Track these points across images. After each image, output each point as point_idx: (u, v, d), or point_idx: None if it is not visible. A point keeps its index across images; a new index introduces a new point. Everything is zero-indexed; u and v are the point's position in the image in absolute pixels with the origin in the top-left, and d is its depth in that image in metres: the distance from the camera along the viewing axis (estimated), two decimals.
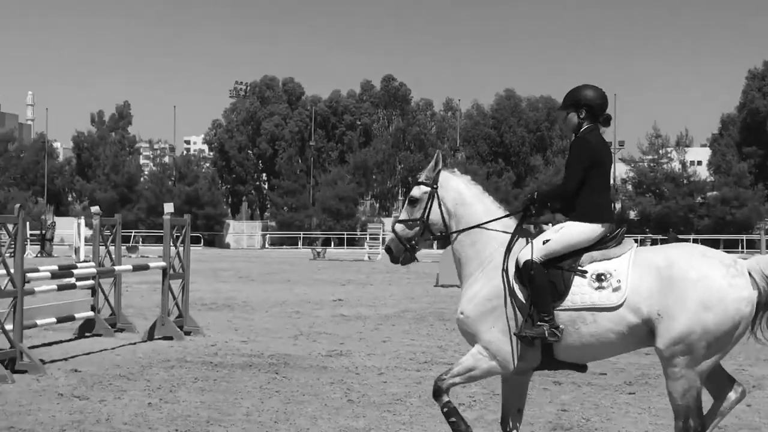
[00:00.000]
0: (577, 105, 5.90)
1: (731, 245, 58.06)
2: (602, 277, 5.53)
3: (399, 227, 6.07)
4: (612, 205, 5.93)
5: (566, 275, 5.60)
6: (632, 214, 69.77)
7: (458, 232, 5.97)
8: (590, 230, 5.70)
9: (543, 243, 5.66)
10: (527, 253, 5.63)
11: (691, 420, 5.37)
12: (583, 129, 5.89)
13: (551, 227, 5.83)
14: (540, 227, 5.89)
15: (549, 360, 5.70)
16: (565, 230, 5.72)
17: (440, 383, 5.81)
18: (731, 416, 6.40)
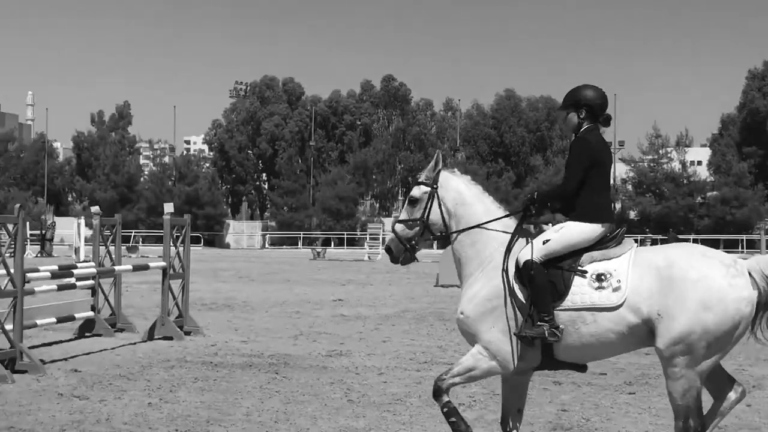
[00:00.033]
0: (577, 105, 5.89)
1: (731, 245, 58.05)
2: (602, 277, 5.52)
3: (399, 227, 6.06)
4: (612, 205, 5.93)
5: (566, 275, 5.60)
6: (632, 214, 69.77)
7: (458, 232, 5.96)
8: (590, 230, 5.69)
9: (543, 243, 5.66)
10: (527, 253, 5.63)
11: (691, 420, 5.37)
12: (583, 129, 5.88)
13: (551, 227, 5.83)
14: (540, 227, 5.89)
15: (549, 360, 5.70)
16: (565, 230, 5.71)
17: (440, 383, 5.80)
18: (731, 416, 6.41)
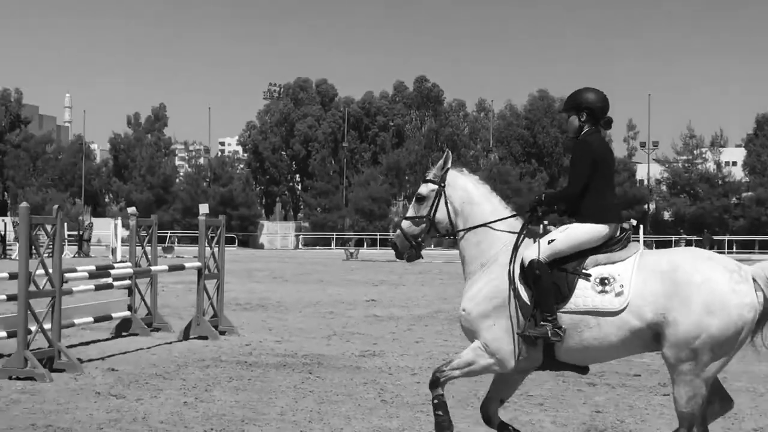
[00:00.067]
0: (578, 108, 5.94)
1: (766, 246, 57.32)
2: (605, 281, 5.53)
3: (405, 224, 6.14)
4: (617, 206, 5.93)
5: (570, 278, 5.62)
6: (666, 215, 69.18)
7: (465, 231, 6.01)
8: (595, 231, 5.71)
9: (548, 243, 5.69)
10: (533, 253, 5.66)
11: (695, 428, 5.35)
12: (585, 132, 5.92)
13: (557, 228, 5.86)
14: (546, 228, 5.91)
15: (550, 360, 5.72)
16: (570, 230, 5.74)
17: (439, 374, 5.90)
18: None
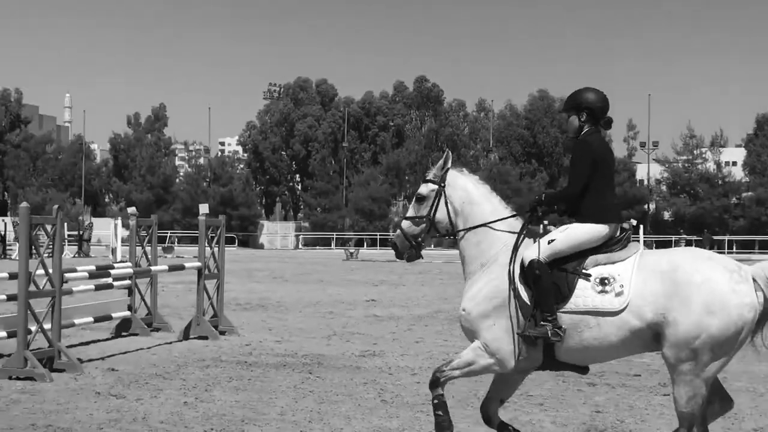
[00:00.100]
0: (578, 108, 5.95)
1: (766, 246, 57.31)
2: (605, 281, 5.54)
3: (405, 224, 6.15)
4: (617, 206, 5.94)
5: (570, 278, 5.62)
6: (666, 215, 69.20)
7: (465, 231, 6.02)
8: (595, 231, 5.71)
9: (548, 243, 5.70)
10: (533, 253, 5.67)
11: (695, 428, 5.35)
12: (584, 132, 5.93)
13: (557, 228, 5.87)
14: (546, 228, 5.92)
15: (550, 360, 5.73)
16: (570, 230, 5.75)
17: (439, 374, 5.91)
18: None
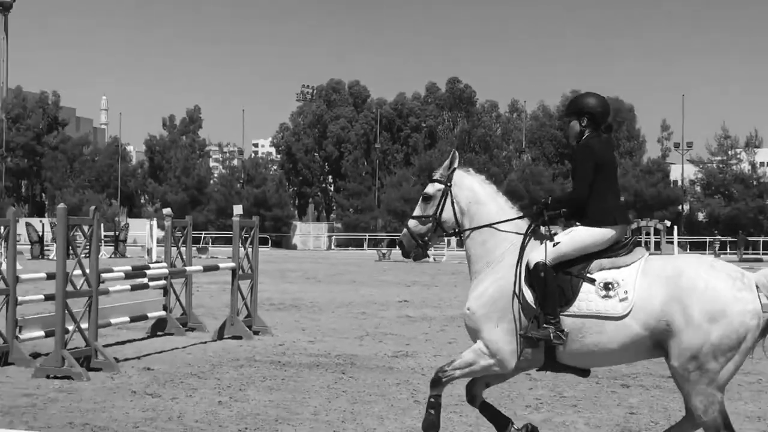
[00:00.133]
0: (580, 113, 5.96)
1: None
2: (609, 286, 5.51)
3: (412, 223, 6.17)
4: (622, 208, 5.90)
5: (575, 281, 5.61)
6: (701, 216, 68.48)
7: (471, 230, 6.03)
8: (600, 234, 5.70)
9: (554, 245, 5.69)
10: (539, 255, 5.66)
11: (721, 431, 5.27)
12: (585, 136, 5.93)
13: (562, 230, 5.85)
14: (551, 230, 5.90)
15: (552, 362, 5.72)
16: (575, 233, 5.74)
17: (441, 374, 5.92)
18: None
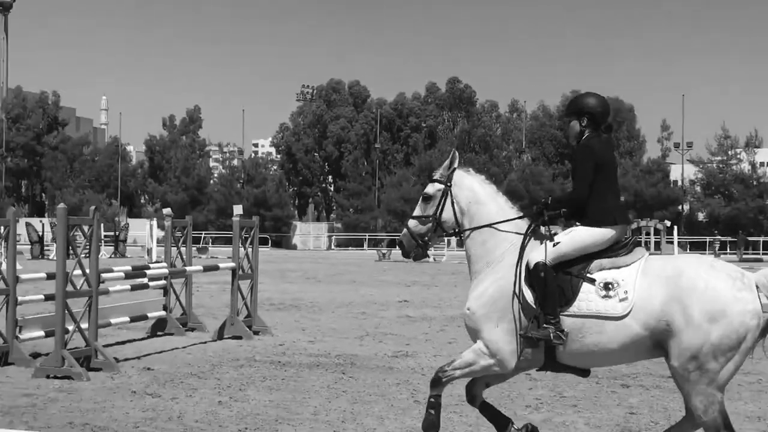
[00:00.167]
0: (580, 113, 5.96)
1: None
2: (609, 286, 5.51)
3: (412, 223, 6.17)
4: (622, 208, 5.90)
5: (575, 281, 5.61)
6: (701, 216, 68.51)
7: (471, 230, 6.03)
8: (600, 234, 5.70)
9: (554, 245, 5.69)
10: (539, 255, 5.67)
11: (722, 431, 5.27)
12: (585, 136, 5.93)
13: (562, 230, 5.85)
14: (551, 230, 5.90)
15: (552, 362, 5.72)
16: (575, 233, 5.74)
17: (441, 374, 5.93)
18: None
